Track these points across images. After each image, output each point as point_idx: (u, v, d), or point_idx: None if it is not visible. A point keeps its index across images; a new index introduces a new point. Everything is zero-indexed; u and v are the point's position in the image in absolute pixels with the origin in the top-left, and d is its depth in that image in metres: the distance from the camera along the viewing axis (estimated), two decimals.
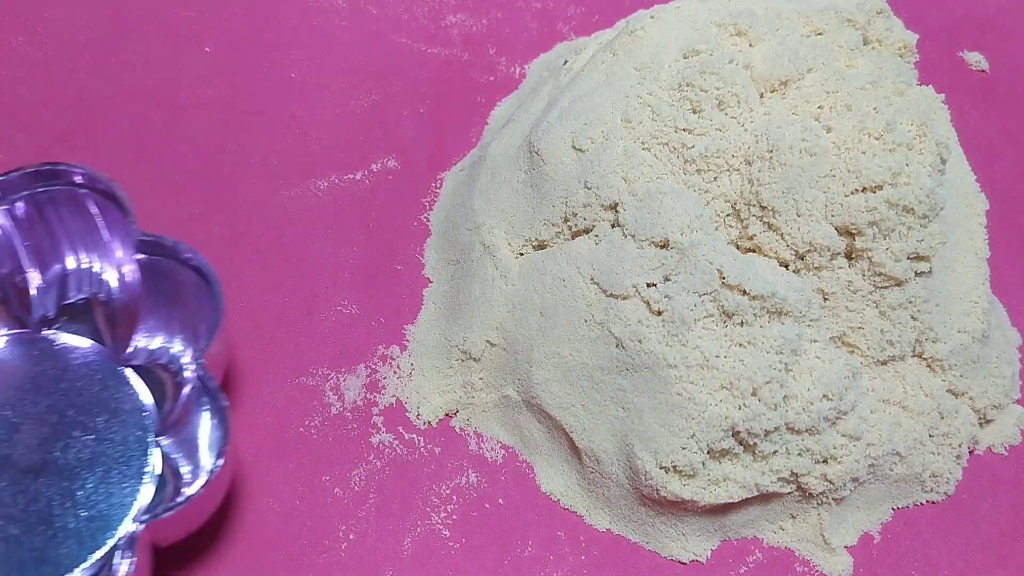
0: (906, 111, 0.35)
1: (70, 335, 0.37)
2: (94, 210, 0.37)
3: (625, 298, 0.35)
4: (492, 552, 0.36)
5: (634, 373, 0.34)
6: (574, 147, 0.37)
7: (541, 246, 0.38)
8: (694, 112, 0.36)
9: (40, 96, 0.45)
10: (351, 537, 0.36)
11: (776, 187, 0.34)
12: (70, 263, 0.38)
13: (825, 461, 0.35)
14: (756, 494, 0.34)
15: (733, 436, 0.34)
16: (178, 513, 0.31)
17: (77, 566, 0.32)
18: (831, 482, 0.35)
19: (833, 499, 0.36)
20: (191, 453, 0.34)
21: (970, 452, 0.38)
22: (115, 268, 0.37)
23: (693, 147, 0.36)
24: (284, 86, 0.46)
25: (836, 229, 0.34)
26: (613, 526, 0.37)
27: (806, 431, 0.34)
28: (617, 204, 0.36)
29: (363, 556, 0.35)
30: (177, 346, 0.37)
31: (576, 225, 0.37)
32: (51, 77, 0.46)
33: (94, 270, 0.38)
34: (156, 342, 0.37)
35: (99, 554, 0.33)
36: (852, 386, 0.34)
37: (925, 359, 0.37)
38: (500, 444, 0.38)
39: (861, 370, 0.35)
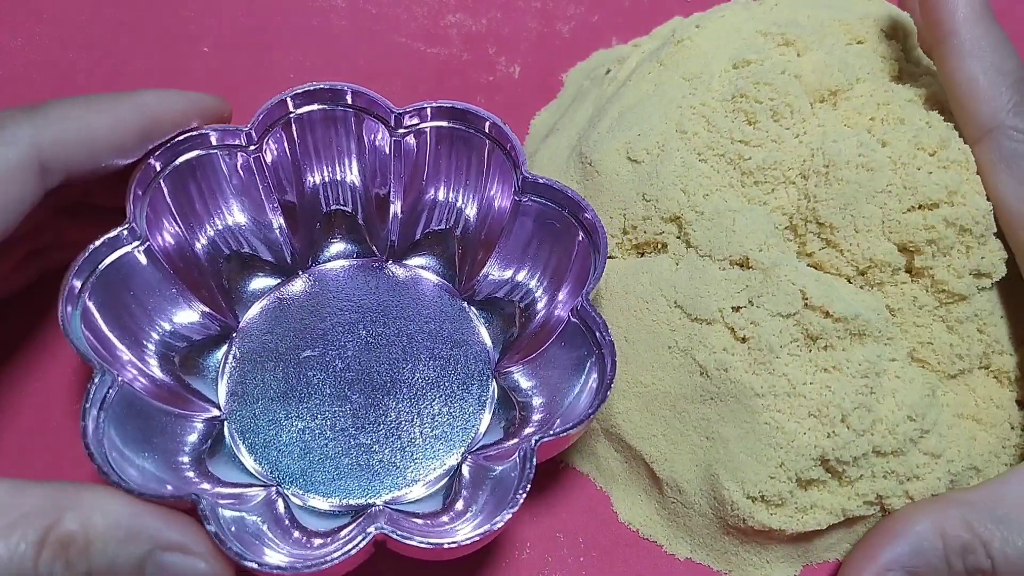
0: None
1: (421, 268, 0.38)
2: (486, 153, 0.36)
3: (710, 323, 0.33)
4: None
5: (719, 402, 0.33)
6: (629, 158, 0.36)
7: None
8: (749, 123, 0.35)
9: (40, 96, 0.42)
10: None
11: (833, 203, 0.34)
12: (440, 195, 0.38)
13: (908, 480, 0.34)
14: (843, 519, 0.34)
15: (821, 464, 0.33)
16: (552, 441, 0.30)
17: (420, 479, 0.34)
18: (913, 500, 0.34)
19: None
20: (544, 386, 0.35)
21: None
22: (480, 205, 0.37)
23: (750, 159, 0.35)
24: (284, 86, 0.43)
25: (895, 245, 0.34)
26: (694, 555, 0.36)
27: (891, 453, 0.33)
28: (679, 217, 0.35)
29: None
30: (533, 281, 0.37)
31: (637, 238, 0.36)
32: (51, 77, 0.44)
33: (458, 204, 0.38)
34: (507, 274, 0.37)
35: (440, 471, 0.34)
36: (933, 404, 0.34)
37: (992, 371, 0.37)
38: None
39: (938, 387, 0.35)
